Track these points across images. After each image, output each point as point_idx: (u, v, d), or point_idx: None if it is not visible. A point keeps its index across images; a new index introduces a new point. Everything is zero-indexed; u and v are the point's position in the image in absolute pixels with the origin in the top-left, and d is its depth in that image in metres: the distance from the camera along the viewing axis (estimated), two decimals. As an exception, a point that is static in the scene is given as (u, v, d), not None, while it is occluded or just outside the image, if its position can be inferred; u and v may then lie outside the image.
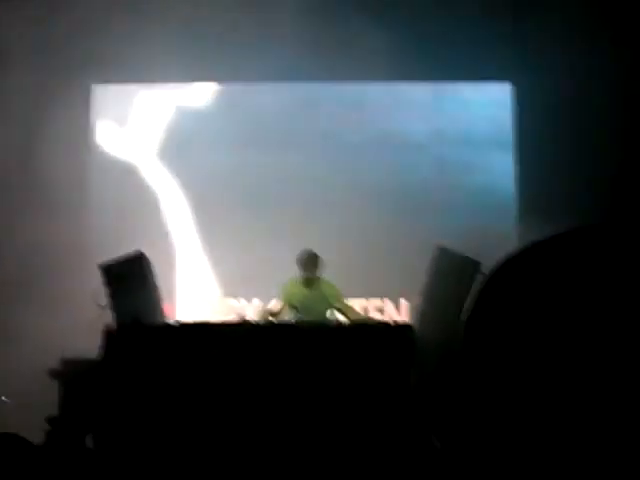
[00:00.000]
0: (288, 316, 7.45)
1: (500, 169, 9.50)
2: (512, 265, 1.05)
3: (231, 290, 9.40)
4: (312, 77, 9.37)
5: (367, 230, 9.21)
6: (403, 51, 8.92)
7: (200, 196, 9.59)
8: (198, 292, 9.36)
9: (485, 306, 0.94)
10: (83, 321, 7.33)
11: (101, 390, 5.82)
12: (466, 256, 6.24)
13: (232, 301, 9.36)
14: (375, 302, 9.32)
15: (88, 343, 6.05)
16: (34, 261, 8.83)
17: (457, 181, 9.45)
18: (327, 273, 7.62)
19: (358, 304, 8.98)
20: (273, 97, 9.64)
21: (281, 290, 7.59)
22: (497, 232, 8.84)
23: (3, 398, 8.23)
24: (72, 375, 6.22)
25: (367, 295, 9.29)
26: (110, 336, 5.90)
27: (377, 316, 9.13)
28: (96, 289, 6.52)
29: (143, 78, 9.41)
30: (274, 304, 7.71)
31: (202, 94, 9.75)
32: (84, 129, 9.56)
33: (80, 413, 5.94)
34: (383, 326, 6.71)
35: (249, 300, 9.37)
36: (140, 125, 9.72)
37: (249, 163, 9.51)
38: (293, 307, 7.43)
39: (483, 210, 9.21)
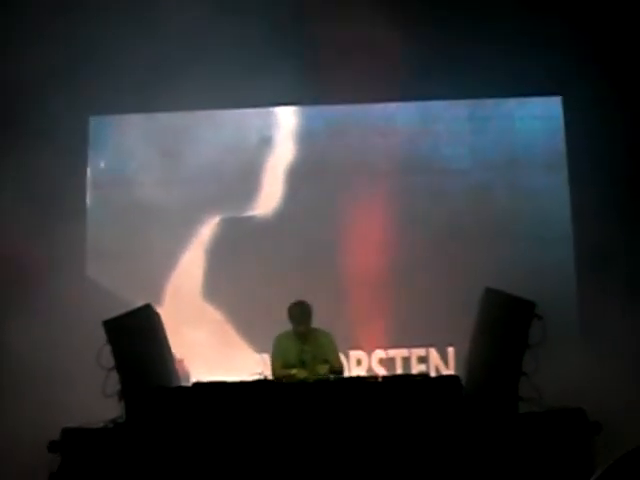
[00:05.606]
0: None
1: (553, 194, 8.49)
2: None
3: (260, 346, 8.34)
4: (332, 100, 8.54)
5: (405, 271, 8.32)
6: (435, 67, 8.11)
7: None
8: (223, 348, 8.36)
9: None
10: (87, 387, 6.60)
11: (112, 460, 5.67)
12: (518, 297, 5.94)
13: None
14: (419, 352, 8.26)
15: (92, 411, 5.89)
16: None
17: (505, 210, 8.45)
18: (358, 321, 7.32)
19: (400, 354, 8.38)
20: (283, 122, 8.82)
21: (274, 346, 6.95)
22: (553, 267, 8.15)
23: None
24: (73, 446, 5.87)
25: (410, 345, 8.36)
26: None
27: (421, 367, 8.32)
28: (100, 349, 6.28)
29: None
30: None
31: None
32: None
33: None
34: (424, 378, 6.20)
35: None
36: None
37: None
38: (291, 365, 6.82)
39: (536, 243, 8.26)
